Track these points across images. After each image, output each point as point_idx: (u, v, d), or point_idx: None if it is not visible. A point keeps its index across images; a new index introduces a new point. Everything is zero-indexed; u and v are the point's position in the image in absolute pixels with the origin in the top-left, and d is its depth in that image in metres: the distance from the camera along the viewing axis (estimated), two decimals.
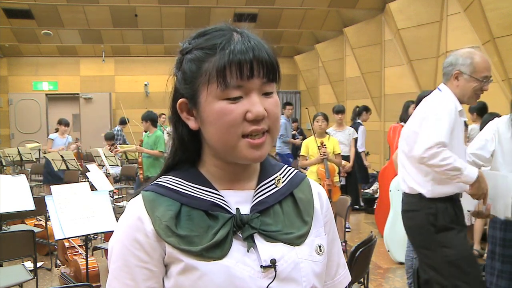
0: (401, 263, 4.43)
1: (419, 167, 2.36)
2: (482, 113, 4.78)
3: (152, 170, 6.00)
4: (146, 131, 6.32)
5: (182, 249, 0.76)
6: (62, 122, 7.91)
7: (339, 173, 5.33)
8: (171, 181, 0.84)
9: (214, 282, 0.75)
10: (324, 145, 4.98)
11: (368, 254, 2.59)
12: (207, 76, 0.78)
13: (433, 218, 2.36)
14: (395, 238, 4.60)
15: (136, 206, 0.82)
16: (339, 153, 5.17)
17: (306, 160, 5.11)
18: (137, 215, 0.80)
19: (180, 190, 0.82)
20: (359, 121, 7.17)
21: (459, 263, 2.34)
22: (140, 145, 6.58)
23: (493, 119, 2.81)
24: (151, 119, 6.18)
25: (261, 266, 0.78)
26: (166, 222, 0.78)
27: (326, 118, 5.14)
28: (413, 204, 2.44)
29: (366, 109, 7.35)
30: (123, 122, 9.83)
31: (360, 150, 6.96)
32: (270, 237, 0.81)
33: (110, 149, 8.11)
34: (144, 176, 6.21)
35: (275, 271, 0.78)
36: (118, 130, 9.99)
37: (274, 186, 0.87)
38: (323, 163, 4.98)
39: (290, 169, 0.92)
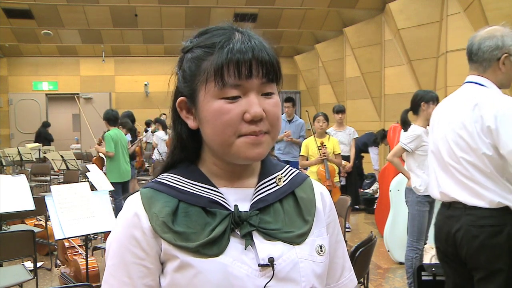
0: (401, 263, 4.43)
1: (499, 180, 1.97)
2: None
3: (109, 174, 5.80)
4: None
5: (178, 246, 0.76)
6: (126, 127, 7.05)
7: (339, 173, 5.33)
8: (169, 178, 0.84)
9: (210, 281, 0.74)
10: (324, 145, 4.98)
11: (368, 254, 2.58)
12: (206, 75, 0.77)
13: None
14: (395, 238, 4.60)
15: (133, 203, 0.81)
16: (339, 153, 5.17)
17: (306, 160, 5.11)
18: (134, 211, 0.80)
19: (178, 187, 0.82)
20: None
21: None
22: (98, 144, 6.50)
23: None
24: (106, 119, 5.97)
25: (259, 265, 0.77)
26: (163, 218, 0.77)
27: (326, 118, 5.14)
28: (496, 218, 1.98)
29: (383, 137, 7.13)
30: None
31: (376, 167, 7.17)
32: (269, 235, 0.79)
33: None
34: None
35: (273, 270, 0.77)
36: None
37: (275, 184, 0.86)
38: (323, 164, 4.98)
39: (291, 169, 0.92)
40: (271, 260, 0.77)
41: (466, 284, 2.14)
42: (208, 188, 0.82)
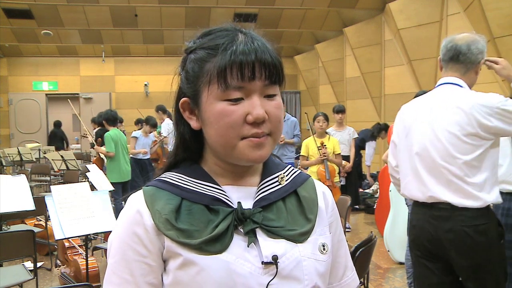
0: (401, 263, 4.43)
1: (493, 177, 2.04)
2: None
3: (110, 174, 5.81)
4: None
5: (181, 242, 0.75)
6: (149, 123, 6.97)
7: (339, 173, 5.34)
8: (172, 176, 0.84)
9: (213, 278, 0.74)
10: (325, 145, 4.98)
11: (368, 254, 2.58)
12: (209, 76, 0.77)
13: (500, 229, 2.08)
14: (395, 238, 4.60)
15: (136, 201, 0.81)
16: (339, 153, 5.17)
17: (306, 160, 5.11)
18: (137, 209, 0.80)
19: (181, 185, 0.82)
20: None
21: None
22: (98, 145, 6.50)
23: None
24: (105, 119, 6.00)
25: (262, 262, 0.77)
26: (166, 215, 0.77)
27: (326, 118, 5.14)
28: (484, 216, 2.04)
29: (379, 130, 7.09)
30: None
31: (368, 163, 7.11)
32: (273, 233, 0.80)
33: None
34: None
35: (277, 268, 0.77)
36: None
37: (277, 183, 0.86)
38: (324, 164, 4.98)
39: (294, 169, 0.92)
40: (275, 258, 0.77)
41: (453, 281, 2.15)
42: (211, 186, 0.82)
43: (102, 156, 6.61)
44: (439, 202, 2.07)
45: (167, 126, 7.57)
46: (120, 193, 5.75)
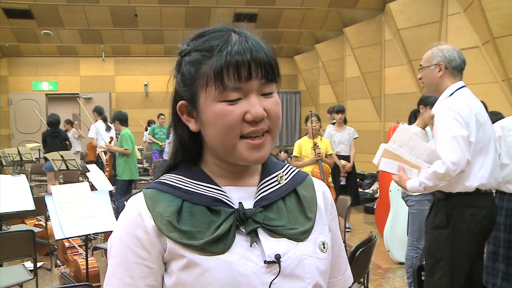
0: (401, 263, 4.43)
1: None
2: None
3: (122, 172, 5.97)
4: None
5: (184, 244, 0.76)
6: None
7: (331, 173, 5.33)
8: (172, 178, 0.84)
9: (217, 279, 0.75)
10: (318, 146, 4.98)
11: (368, 254, 2.59)
12: (205, 79, 0.77)
13: None
14: (395, 238, 4.60)
15: (136, 203, 0.81)
16: (331, 154, 5.19)
17: (299, 161, 5.09)
18: (137, 211, 0.80)
19: (182, 187, 0.82)
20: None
21: None
22: (109, 143, 6.60)
23: (498, 118, 2.88)
24: (118, 119, 6.23)
25: (265, 262, 0.77)
26: (168, 217, 0.77)
27: (319, 119, 5.17)
28: None
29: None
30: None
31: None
32: (274, 232, 0.80)
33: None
34: (111, 175, 6.23)
35: (279, 267, 0.77)
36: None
37: (277, 182, 0.87)
38: (318, 164, 4.98)
39: (292, 168, 0.92)
40: (278, 257, 0.77)
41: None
42: (212, 187, 0.82)
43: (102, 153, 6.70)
44: (493, 191, 2.49)
45: (94, 128, 7.71)
46: (124, 192, 5.87)
